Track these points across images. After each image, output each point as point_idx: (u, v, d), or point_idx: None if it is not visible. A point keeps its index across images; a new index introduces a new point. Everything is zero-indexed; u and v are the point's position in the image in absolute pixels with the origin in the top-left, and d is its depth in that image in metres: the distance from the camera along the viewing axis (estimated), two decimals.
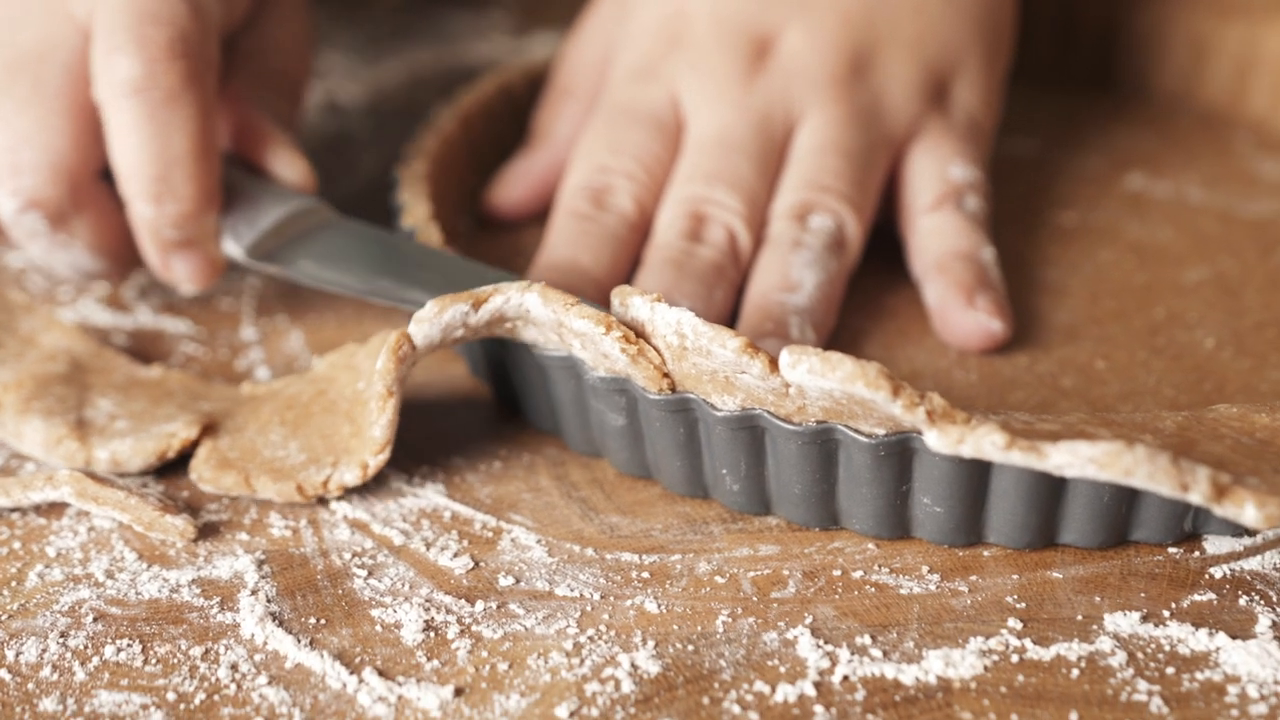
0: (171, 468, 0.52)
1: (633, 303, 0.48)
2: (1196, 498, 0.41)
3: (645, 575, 0.48)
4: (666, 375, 0.48)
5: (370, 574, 0.48)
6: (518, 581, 0.47)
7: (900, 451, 0.46)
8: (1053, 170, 0.71)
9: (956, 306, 0.57)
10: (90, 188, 0.56)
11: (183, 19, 0.55)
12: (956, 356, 0.57)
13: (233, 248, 0.57)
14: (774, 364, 0.45)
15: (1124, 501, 0.47)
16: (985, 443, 0.42)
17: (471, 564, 0.48)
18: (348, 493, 0.51)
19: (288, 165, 0.59)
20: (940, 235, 0.60)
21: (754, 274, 0.58)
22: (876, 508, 0.48)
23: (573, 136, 0.65)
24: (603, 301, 0.54)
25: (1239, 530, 0.48)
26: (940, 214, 0.60)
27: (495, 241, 0.64)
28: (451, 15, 0.90)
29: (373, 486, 0.51)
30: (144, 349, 0.59)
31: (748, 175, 0.59)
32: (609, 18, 0.67)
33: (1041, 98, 0.77)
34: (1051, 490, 0.47)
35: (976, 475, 0.46)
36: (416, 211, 0.58)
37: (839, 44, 0.62)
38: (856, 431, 0.46)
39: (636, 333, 0.48)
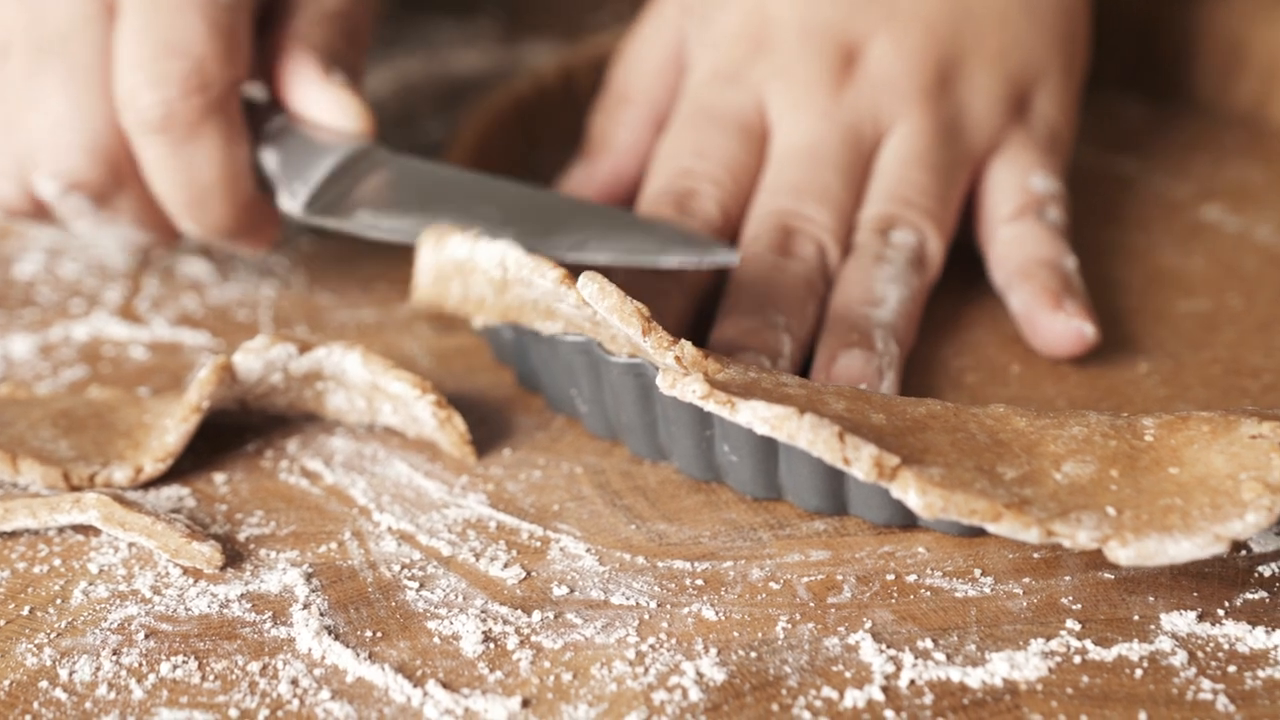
0: (201, 482, 0.52)
1: (450, 242, 0.50)
2: (859, 473, 0.43)
3: (699, 583, 0.47)
4: (470, 443, 0.52)
5: (422, 585, 0.47)
6: (572, 591, 0.47)
7: None
8: (1129, 191, 0.69)
9: (1044, 311, 0.56)
10: (131, 166, 0.56)
11: (200, 45, 0.54)
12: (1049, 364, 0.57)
13: (289, 204, 0.57)
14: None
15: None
16: (688, 390, 0.45)
17: (523, 574, 0.48)
18: (389, 504, 0.50)
19: (338, 108, 0.58)
20: (1022, 243, 0.59)
21: (838, 285, 0.57)
22: (686, 447, 0.50)
23: (633, 144, 0.64)
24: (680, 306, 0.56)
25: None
26: (1021, 223, 0.59)
27: None
28: (439, 24, 0.89)
29: (413, 497, 0.51)
30: (163, 362, 0.58)
31: (835, 188, 0.59)
32: (671, 21, 0.66)
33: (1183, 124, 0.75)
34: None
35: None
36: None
37: (926, 55, 0.61)
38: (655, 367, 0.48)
39: (455, 268, 0.51)
